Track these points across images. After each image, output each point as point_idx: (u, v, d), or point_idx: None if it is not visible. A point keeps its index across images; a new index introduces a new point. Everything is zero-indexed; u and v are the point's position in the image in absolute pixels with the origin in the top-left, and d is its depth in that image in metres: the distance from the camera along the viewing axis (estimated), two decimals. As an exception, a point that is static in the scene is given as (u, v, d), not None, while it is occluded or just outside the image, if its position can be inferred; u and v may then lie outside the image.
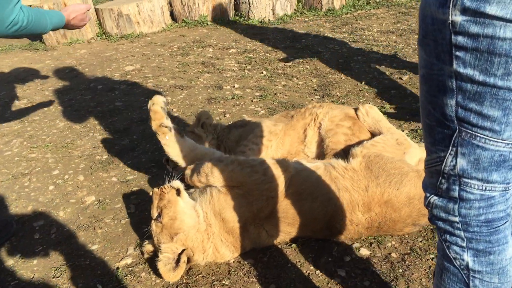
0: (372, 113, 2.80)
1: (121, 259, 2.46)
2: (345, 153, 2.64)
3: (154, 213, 2.29)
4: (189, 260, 2.22)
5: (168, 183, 2.41)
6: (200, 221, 2.27)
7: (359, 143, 2.61)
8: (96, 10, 6.95)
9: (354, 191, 2.30)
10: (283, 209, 2.29)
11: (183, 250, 2.21)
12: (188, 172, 2.47)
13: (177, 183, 2.40)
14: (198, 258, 2.26)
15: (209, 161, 2.39)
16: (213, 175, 2.32)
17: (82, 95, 4.82)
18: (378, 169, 2.35)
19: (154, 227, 2.28)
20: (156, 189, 2.36)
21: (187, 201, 2.36)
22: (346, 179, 2.34)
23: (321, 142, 2.83)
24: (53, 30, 2.65)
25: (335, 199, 2.29)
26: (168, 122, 2.57)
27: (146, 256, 2.42)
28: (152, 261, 2.40)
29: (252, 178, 2.28)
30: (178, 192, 2.35)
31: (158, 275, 2.31)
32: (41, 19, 2.51)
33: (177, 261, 2.18)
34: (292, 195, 2.30)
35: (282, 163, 2.38)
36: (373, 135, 2.76)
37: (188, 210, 2.29)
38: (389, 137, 2.62)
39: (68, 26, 2.75)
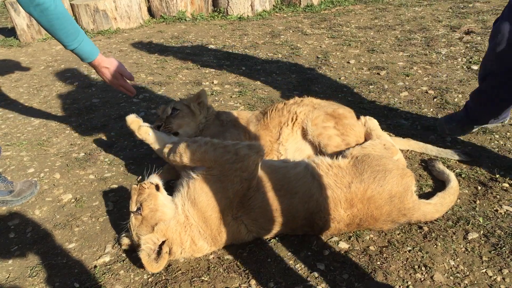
0: (369, 123, 2.94)
1: (99, 257, 2.43)
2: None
3: (133, 207, 2.29)
4: (170, 252, 2.20)
5: (147, 179, 2.43)
6: (179, 213, 2.28)
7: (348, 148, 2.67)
8: (72, 6, 6.83)
9: (337, 188, 2.31)
10: (261, 204, 2.28)
11: (163, 242, 2.20)
12: (166, 150, 2.52)
13: (155, 179, 2.43)
14: (176, 251, 2.24)
15: (184, 142, 2.42)
16: (186, 155, 2.36)
17: (58, 92, 4.73)
18: (364, 166, 2.38)
19: (134, 220, 2.27)
20: (135, 185, 2.37)
21: (166, 195, 2.38)
22: (329, 176, 2.36)
23: (303, 143, 2.85)
24: (81, 52, 2.66)
25: (317, 196, 2.30)
26: (145, 124, 2.77)
27: (123, 247, 2.41)
28: (129, 256, 2.38)
29: (224, 157, 2.31)
30: (157, 187, 2.37)
31: (136, 273, 2.29)
32: (71, 23, 2.54)
33: (158, 253, 2.17)
34: (271, 191, 2.30)
35: (255, 145, 2.41)
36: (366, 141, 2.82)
37: (168, 203, 2.32)
38: (377, 142, 2.71)
39: (98, 68, 2.82)
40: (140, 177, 3.08)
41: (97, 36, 6.63)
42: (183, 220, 2.26)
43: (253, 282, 2.18)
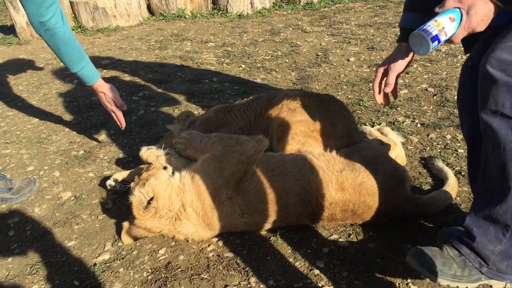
0: (383, 130, 3.15)
1: (99, 255, 2.43)
2: None
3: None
4: (157, 208, 2.30)
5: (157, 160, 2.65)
6: (175, 178, 2.40)
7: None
8: (71, 4, 6.81)
9: (328, 170, 2.37)
10: (256, 184, 2.34)
11: (152, 198, 2.32)
12: (179, 147, 2.71)
13: (165, 163, 2.60)
14: (162, 209, 2.31)
15: (200, 138, 2.62)
16: (199, 148, 2.59)
17: (58, 90, 4.72)
18: (355, 157, 2.45)
19: (132, 184, 2.46)
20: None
21: (170, 173, 2.53)
22: (321, 161, 2.43)
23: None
24: (82, 76, 2.94)
25: (308, 174, 2.36)
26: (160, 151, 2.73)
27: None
28: (129, 254, 2.39)
29: (226, 142, 2.50)
30: (164, 168, 2.53)
31: (136, 270, 2.29)
32: (76, 49, 2.82)
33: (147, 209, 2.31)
34: (264, 172, 2.38)
35: (257, 136, 2.56)
36: None
37: (167, 174, 2.48)
38: (373, 139, 2.79)
39: (96, 92, 3.09)
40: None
41: (96, 34, 6.62)
42: (178, 184, 2.36)
43: (252, 279, 2.18)
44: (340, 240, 2.39)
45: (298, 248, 2.36)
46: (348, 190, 2.32)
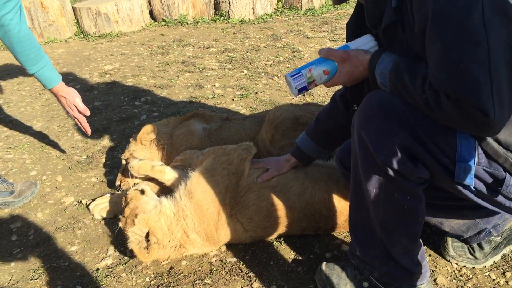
0: None
1: (101, 260, 2.43)
2: None
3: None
4: (158, 242, 2.20)
5: (133, 187, 2.51)
6: (164, 204, 2.30)
7: None
8: (74, 9, 6.85)
9: (329, 181, 2.34)
10: (255, 201, 2.28)
11: (148, 233, 2.22)
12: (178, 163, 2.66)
13: (142, 185, 2.47)
14: (163, 240, 2.22)
15: (196, 157, 2.56)
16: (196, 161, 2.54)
17: (60, 95, 4.73)
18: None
19: (120, 224, 2.36)
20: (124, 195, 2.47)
21: (152, 196, 2.43)
22: (321, 173, 2.39)
23: None
24: (40, 78, 2.79)
25: (310, 188, 2.32)
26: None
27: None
28: (132, 259, 2.38)
29: (216, 153, 2.45)
30: (142, 191, 2.42)
31: (138, 275, 2.29)
32: (34, 49, 2.64)
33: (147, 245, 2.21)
34: (265, 188, 2.32)
35: (244, 143, 2.53)
36: None
37: (151, 200, 2.36)
38: None
39: (56, 96, 2.92)
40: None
41: (99, 39, 6.64)
42: (174, 211, 2.27)
43: (255, 285, 2.17)
44: (343, 245, 2.38)
45: (301, 253, 2.36)
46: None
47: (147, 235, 2.21)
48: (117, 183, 2.90)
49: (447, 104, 1.40)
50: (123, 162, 2.95)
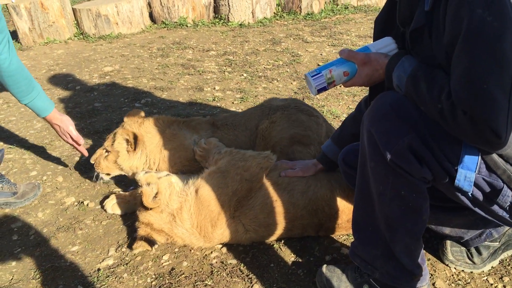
0: None
1: (102, 260, 2.44)
2: None
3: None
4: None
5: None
6: (178, 183, 2.44)
7: None
8: (74, 10, 6.86)
9: (332, 179, 2.39)
10: (262, 199, 2.33)
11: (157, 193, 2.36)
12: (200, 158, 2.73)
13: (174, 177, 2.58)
14: (163, 204, 2.34)
15: (213, 155, 2.61)
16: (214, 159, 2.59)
17: (60, 96, 4.75)
18: None
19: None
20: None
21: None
22: (325, 172, 2.44)
23: None
24: (33, 108, 2.77)
25: (313, 186, 2.37)
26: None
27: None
28: (133, 259, 2.40)
29: (233, 157, 2.48)
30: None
31: (140, 276, 2.30)
32: (25, 81, 2.64)
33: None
34: (271, 186, 2.36)
35: (264, 152, 2.55)
36: None
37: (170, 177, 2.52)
38: None
39: (50, 124, 2.92)
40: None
41: (98, 41, 6.65)
42: (181, 188, 2.39)
43: (256, 286, 2.19)
44: (343, 248, 2.41)
45: (301, 255, 2.38)
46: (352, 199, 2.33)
47: (156, 194, 2.36)
48: (92, 161, 2.97)
49: (462, 118, 1.44)
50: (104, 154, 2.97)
